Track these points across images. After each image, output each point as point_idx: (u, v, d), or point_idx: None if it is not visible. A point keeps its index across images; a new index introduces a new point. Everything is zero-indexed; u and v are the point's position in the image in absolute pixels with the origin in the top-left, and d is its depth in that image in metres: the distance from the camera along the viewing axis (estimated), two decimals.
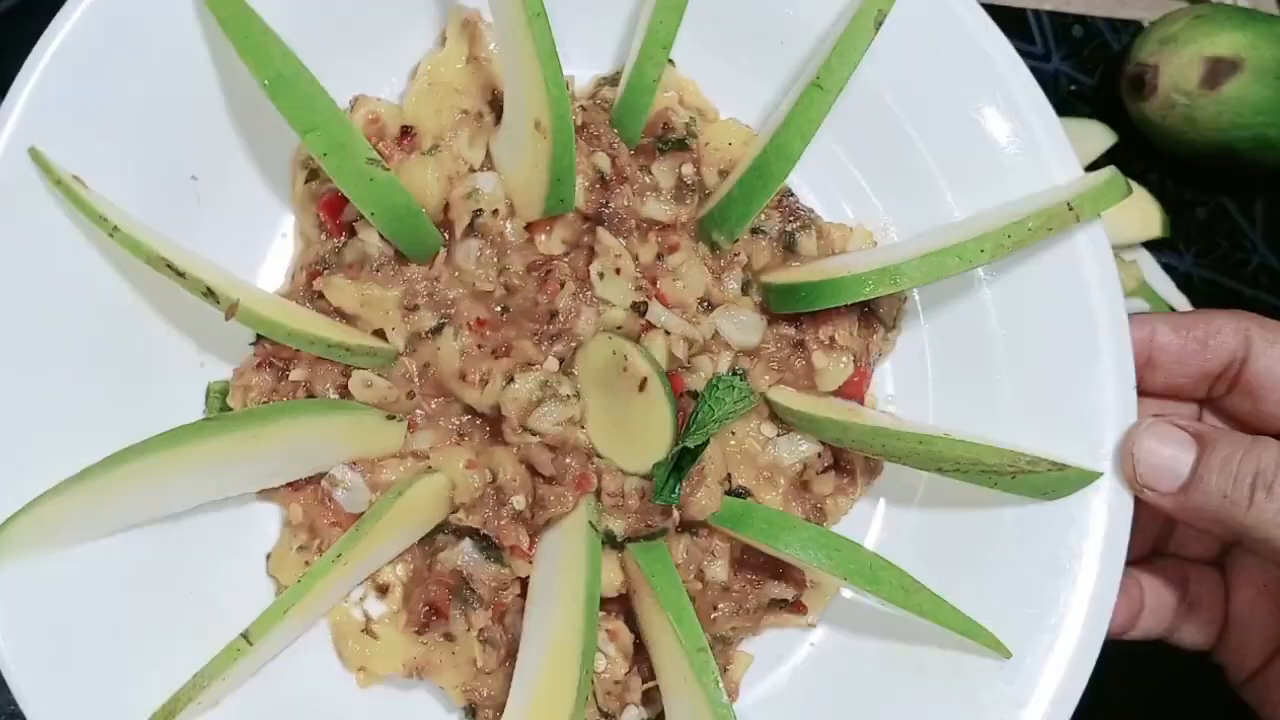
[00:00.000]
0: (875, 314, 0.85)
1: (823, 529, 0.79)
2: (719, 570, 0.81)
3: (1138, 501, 0.77)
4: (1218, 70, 1.03)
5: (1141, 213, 1.12)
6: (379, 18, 0.80)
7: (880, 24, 0.78)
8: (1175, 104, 1.05)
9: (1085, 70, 1.16)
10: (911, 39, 0.82)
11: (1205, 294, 1.15)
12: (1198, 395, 0.83)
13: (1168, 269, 1.15)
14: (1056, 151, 0.82)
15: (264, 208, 0.80)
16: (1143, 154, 1.14)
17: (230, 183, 0.78)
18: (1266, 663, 0.83)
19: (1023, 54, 0.81)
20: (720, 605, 0.81)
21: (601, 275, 0.78)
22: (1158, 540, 0.87)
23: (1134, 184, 1.09)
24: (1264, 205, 1.16)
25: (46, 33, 0.72)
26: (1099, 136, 1.12)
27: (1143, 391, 0.79)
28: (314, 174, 0.78)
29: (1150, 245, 1.15)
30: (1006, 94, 0.82)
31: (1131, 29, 1.16)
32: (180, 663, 0.69)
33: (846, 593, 0.84)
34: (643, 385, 0.76)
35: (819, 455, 0.83)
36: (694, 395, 0.78)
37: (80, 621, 0.69)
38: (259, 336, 0.76)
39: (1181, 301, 1.13)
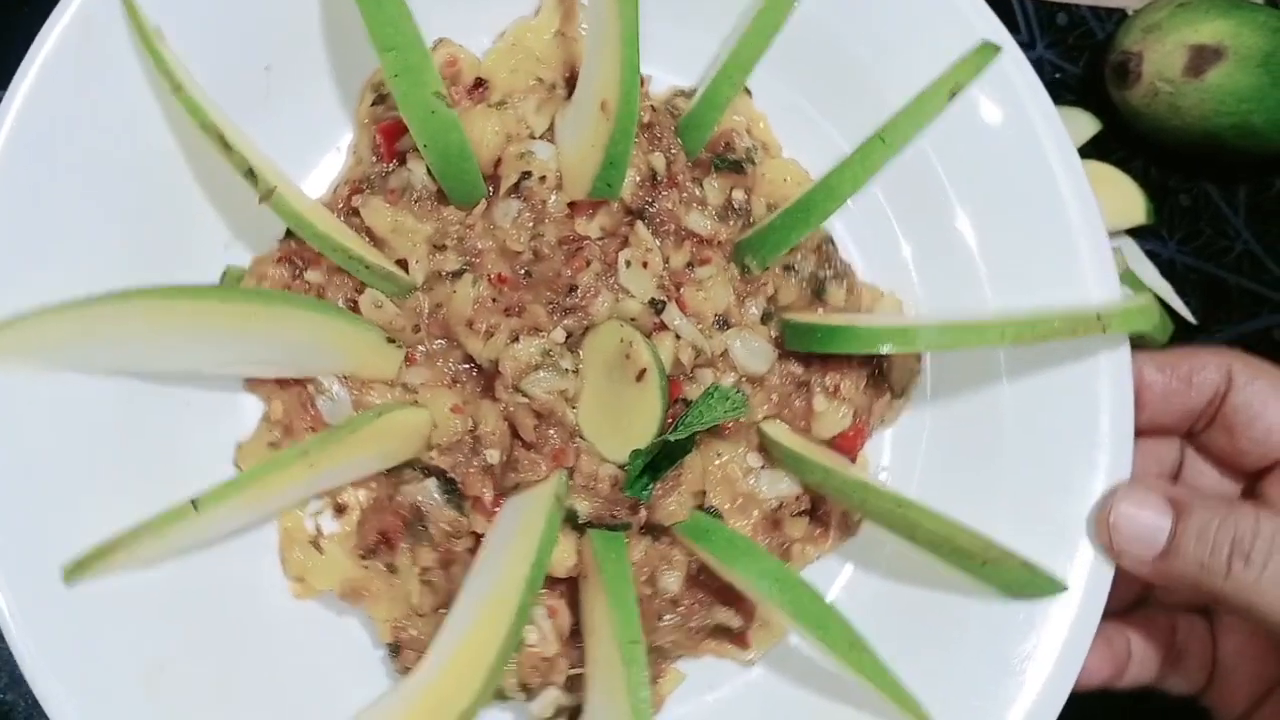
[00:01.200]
0: (886, 376, 0.85)
1: (784, 565, 0.78)
2: (672, 581, 0.80)
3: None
4: (1201, 58, 1.04)
5: (1125, 199, 1.13)
6: None
7: (954, 95, 0.80)
8: (1159, 92, 1.06)
9: (1070, 58, 1.17)
10: (982, 126, 0.82)
11: (1188, 280, 1.15)
12: (1179, 430, 0.83)
13: (1151, 255, 1.15)
14: (1099, 273, 0.82)
15: (327, 117, 0.81)
16: (1127, 141, 1.15)
17: (303, 85, 0.80)
18: (1254, 706, 0.83)
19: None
20: (666, 616, 0.81)
21: (628, 264, 0.79)
22: (1144, 588, 0.87)
23: (1118, 171, 1.13)
24: (1247, 192, 1.17)
25: None
26: (1083, 124, 1.13)
27: None
28: (382, 99, 0.80)
29: (1134, 232, 1.15)
30: (1061, 210, 0.82)
31: (1116, 17, 1.17)
32: (118, 522, 0.69)
33: (794, 639, 0.82)
34: (641, 376, 0.77)
35: (797, 497, 0.82)
36: (688, 404, 0.79)
37: (32, 457, 0.70)
38: (287, 233, 0.77)
39: (1165, 288, 1.14)
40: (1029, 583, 0.78)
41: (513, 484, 0.77)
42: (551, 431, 0.78)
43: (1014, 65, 0.82)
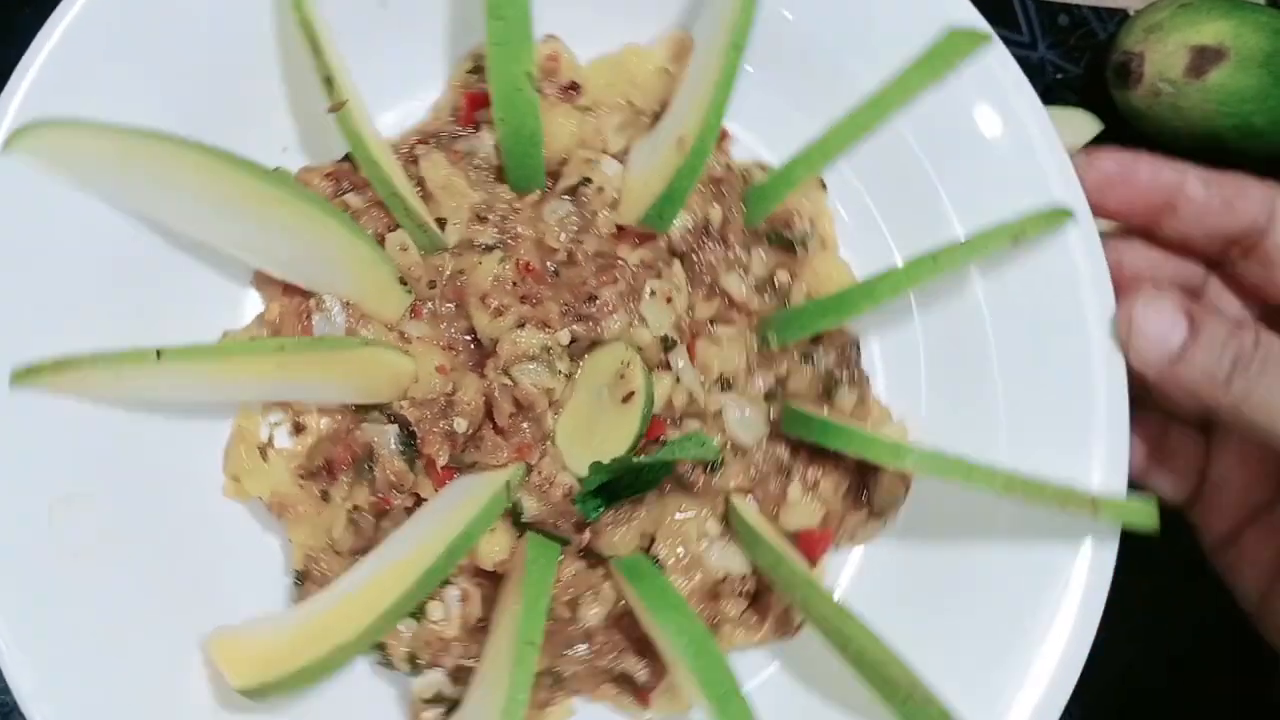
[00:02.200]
0: (869, 492, 0.84)
1: (709, 634, 0.76)
2: (593, 613, 0.78)
3: None
4: (1203, 58, 1.02)
5: None
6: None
7: (1017, 240, 0.80)
8: (1161, 92, 1.05)
9: (1071, 58, 1.16)
10: (1030, 276, 0.83)
11: None
12: (1208, 252, 0.83)
13: None
14: (1113, 463, 0.81)
15: (421, 71, 0.83)
16: (1129, 142, 1.08)
17: (412, 29, 0.82)
18: (1238, 529, 0.83)
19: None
20: (577, 647, 0.79)
21: (653, 293, 0.79)
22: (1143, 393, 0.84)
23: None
24: None
25: None
26: (1085, 125, 1.11)
27: (1157, 240, 0.81)
28: (478, 70, 0.82)
29: None
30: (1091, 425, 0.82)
31: (1118, 17, 1.16)
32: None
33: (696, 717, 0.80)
34: (628, 398, 0.76)
35: (744, 577, 0.81)
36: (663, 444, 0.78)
37: (22, 258, 0.70)
38: (345, 157, 0.79)
39: None
40: None
41: (470, 462, 0.77)
42: (525, 425, 0.77)
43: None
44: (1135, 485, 0.82)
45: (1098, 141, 1.12)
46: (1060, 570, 0.79)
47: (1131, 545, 0.79)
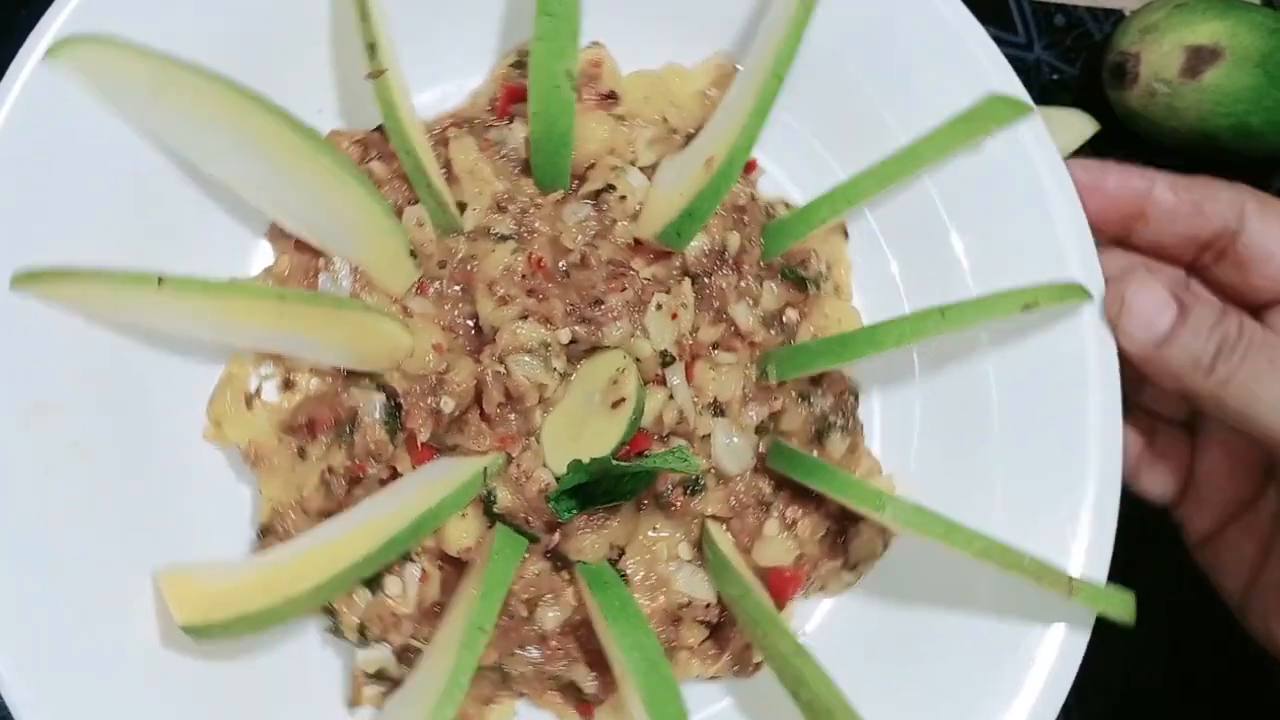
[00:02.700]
0: (846, 541, 0.83)
1: (663, 656, 0.75)
2: (551, 616, 0.77)
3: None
4: (1198, 59, 1.02)
5: None
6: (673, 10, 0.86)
7: (1028, 307, 0.79)
8: (1156, 93, 1.04)
9: (1067, 59, 1.15)
10: (1038, 350, 0.83)
11: None
12: (1183, 259, 0.84)
13: None
14: (1096, 551, 0.80)
15: (465, 58, 0.84)
16: (1125, 142, 1.12)
17: (460, 19, 0.83)
18: (1221, 527, 0.85)
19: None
20: (529, 648, 0.78)
21: (659, 307, 0.79)
22: (1130, 394, 0.85)
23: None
24: None
25: None
26: (1081, 125, 1.10)
27: (1131, 246, 0.82)
28: (520, 65, 0.83)
29: None
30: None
31: (1113, 18, 1.16)
32: None
33: None
34: (617, 405, 0.76)
35: (708, 606, 0.80)
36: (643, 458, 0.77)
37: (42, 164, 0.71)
38: (377, 129, 0.80)
39: None
40: None
41: (452, 444, 0.77)
42: (512, 416, 0.77)
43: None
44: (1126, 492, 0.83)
45: (1094, 142, 1.13)
46: (1029, 649, 0.79)
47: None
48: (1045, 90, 1.15)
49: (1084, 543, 0.81)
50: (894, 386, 0.87)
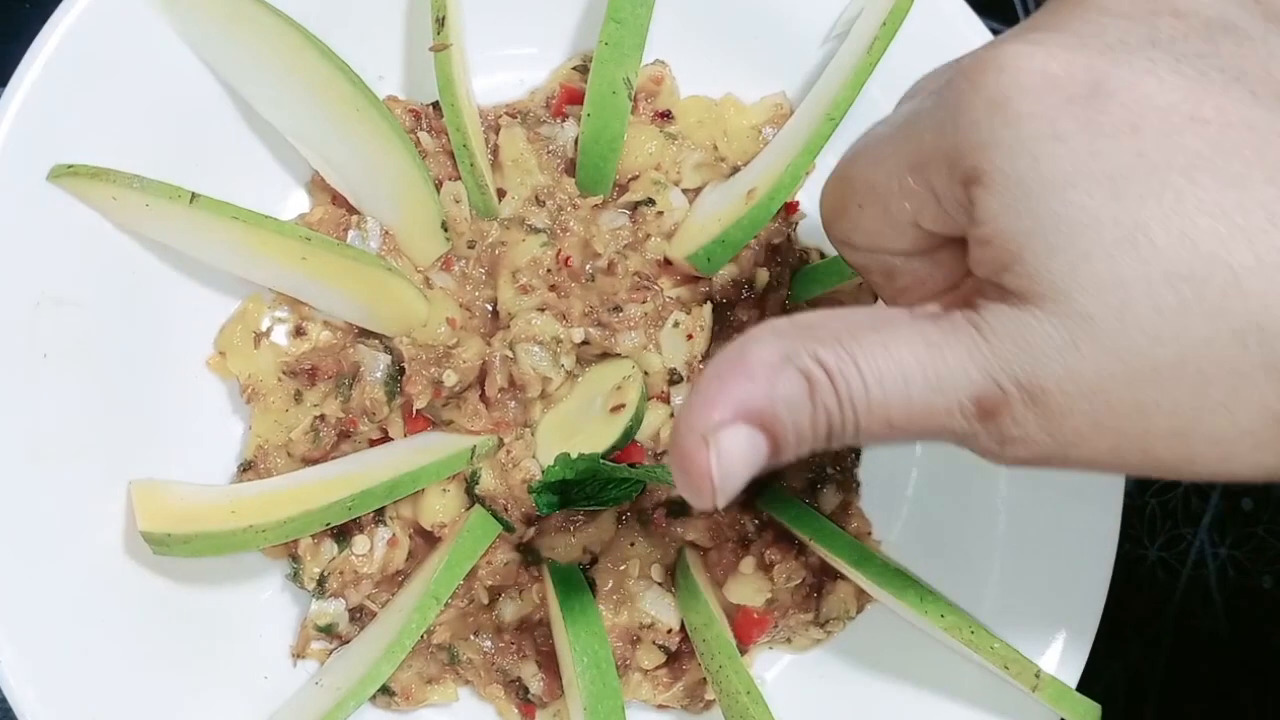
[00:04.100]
0: (820, 599, 0.82)
1: (614, 669, 0.74)
2: (510, 608, 0.77)
3: None
4: None
5: None
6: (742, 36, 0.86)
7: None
8: None
9: None
10: None
11: None
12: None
13: None
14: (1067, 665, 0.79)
15: (532, 53, 0.85)
16: None
17: (535, 15, 0.84)
18: None
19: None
20: (480, 636, 0.77)
21: (676, 325, 0.79)
22: None
23: None
24: None
25: None
26: None
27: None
28: (583, 69, 0.84)
29: None
30: None
31: None
32: None
33: None
34: (616, 410, 0.76)
35: (669, 632, 0.79)
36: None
37: (109, 80, 0.72)
38: (433, 103, 0.81)
39: None
40: None
41: (447, 420, 0.77)
42: (512, 403, 0.77)
43: None
44: None
45: None
46: None
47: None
48: None
49: (1060, 645, 0.80)
50: (894, 453, 0.87)
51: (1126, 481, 0.81)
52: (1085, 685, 0.78)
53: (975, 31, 0.82)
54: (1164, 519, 0.95)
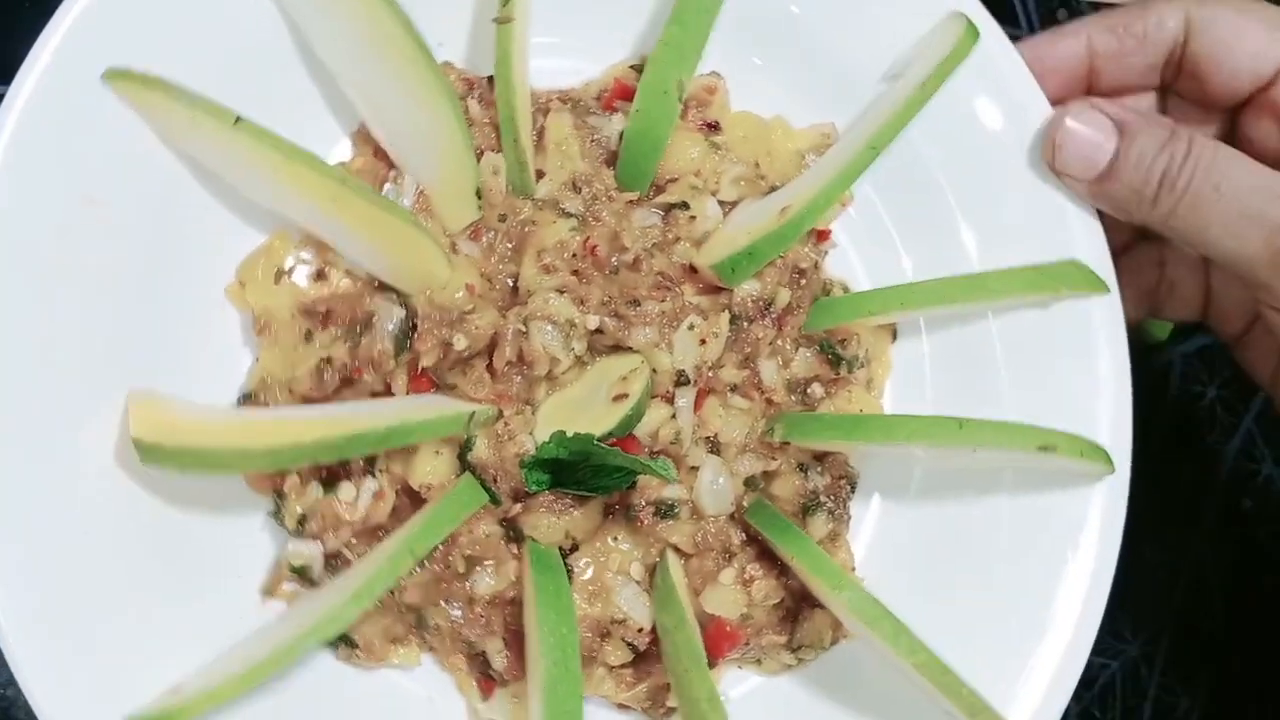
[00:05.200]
0: (796, 623, 0.82)
1: (578, 651, 0.73)
2: (485, 582, 0.77)
3: None
4: None
5: None
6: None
7: (1045, 450, 0.78)
8: None
9: None
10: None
11: None
12: (1149, 86, 0.83)
13: None
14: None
15: (592, 47, 0.86)
16: None
17: (600, 12, 0.86)
18: (1247, 326, 0.88)
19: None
20: (451, 603, 0.77)
21: (691, 328, 0.79)
22: (1131, 234, 0.86)
23: None
24: None
25: None
26: None
27: (1100, 94, 0.80)
28: (638, 69, 0.85)
29: None
30: None
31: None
32: None
33: None
34: (619, 399, 0.76)
35: (640, 630, 0.78)
36: None
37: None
38: (488, 79, 0.82)
39: None
40: None
41: (450, 384, 0.77)
42: (517, 378, 0.78)
43: None
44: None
45: None
46: None
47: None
48: None
49: (1034, 703, 0.79)
50: (891, 496, 0.87)
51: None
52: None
53: (1029, 93, 0.83)
54: (1165, 519, 0.94)
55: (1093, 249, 0.83)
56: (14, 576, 0.69)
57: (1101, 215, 0.81)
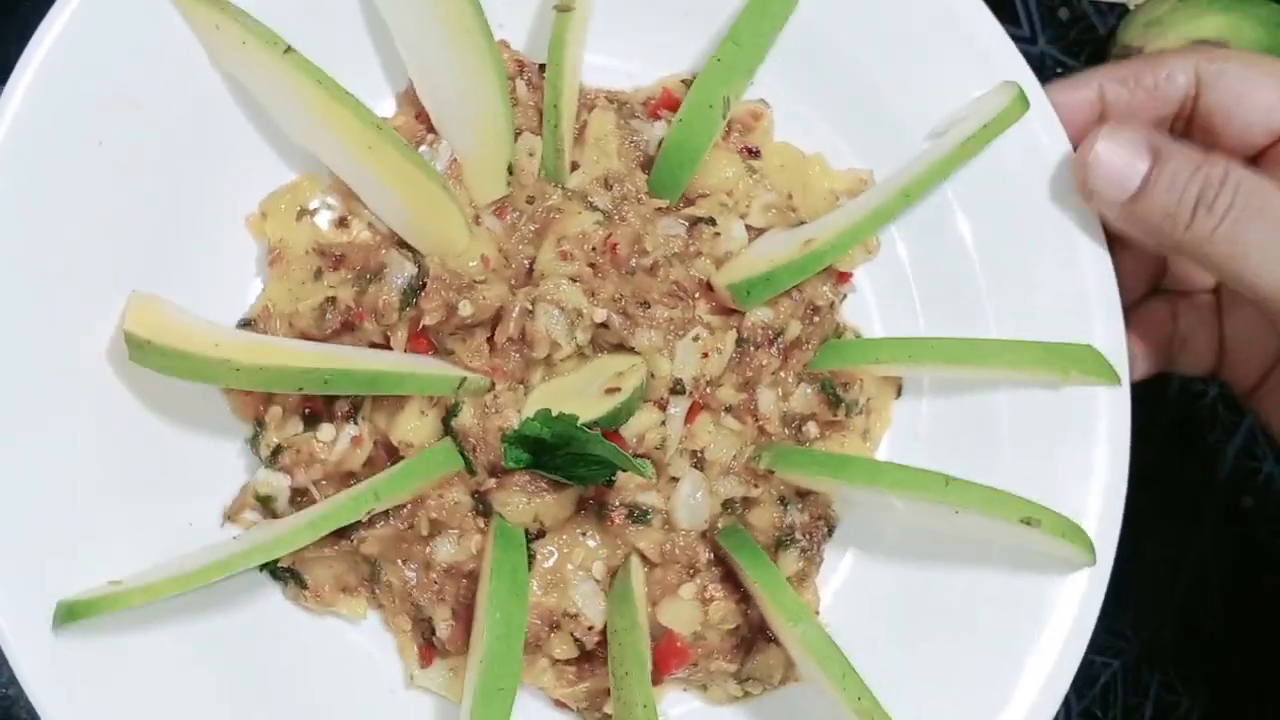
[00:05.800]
0: (751, 653, 0.81)
1: (523, 634, 0.73)
2: (445, 550, 0.77)
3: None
4: None
5: None
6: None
7: (1028, 523, 0.77)
8: None
9: (1071, 53, 1.12)
10: None
11: None
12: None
13: None
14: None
15: (651, 52, 0.87)
16: None
17: (665, 20, 0.86)
18: (1263, 377, 0.87)
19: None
20: (407, 563, 0.77)
21: (696, 339, 0.79)
22: (1149, 281, 0.86)
23: None
24: None
25: None
26: None
27: None
28: (690, 83, 0.86)
29: None
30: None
31: (1118, 12, 1.12)
32: None
33: None
34: (610, 392, 0.76)
35: (590, 628, 0.78)
36: None
37: None
38: (540, 65, 0.83)
39: None
40: None
41: (448, 349, 0.78)
42: (515, 356, 0.78)
43: None
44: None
45: None
46: None
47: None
48: (1049, 84, 1.14)
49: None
50: (866, 550, 0.86)
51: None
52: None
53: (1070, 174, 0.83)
54: (1165, 517, 0.92)
55: (1110, 339, 0.82)
56: None
57: (1116, 270, 0.81)
